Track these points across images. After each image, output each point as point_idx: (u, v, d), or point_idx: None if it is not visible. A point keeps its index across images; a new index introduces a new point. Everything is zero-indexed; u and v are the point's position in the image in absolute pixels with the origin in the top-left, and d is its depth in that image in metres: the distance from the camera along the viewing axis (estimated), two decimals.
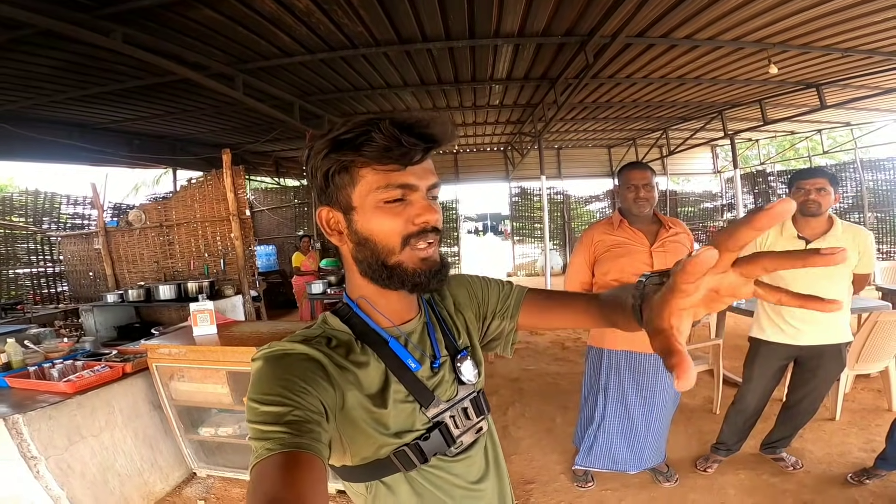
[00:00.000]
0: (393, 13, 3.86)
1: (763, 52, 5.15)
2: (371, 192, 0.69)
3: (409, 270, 0.72)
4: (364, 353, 0.74)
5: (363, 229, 0.71)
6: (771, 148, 14.48)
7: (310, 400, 0.61)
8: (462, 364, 0.82)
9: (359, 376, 0.72)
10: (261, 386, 0.62)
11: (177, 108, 6.23)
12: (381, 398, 0.72)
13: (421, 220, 0.70)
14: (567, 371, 4.89)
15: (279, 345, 0.70)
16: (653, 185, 2.37)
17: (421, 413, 0.75)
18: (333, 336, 0.75)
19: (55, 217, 7.63)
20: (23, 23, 2.93)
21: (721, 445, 2.81)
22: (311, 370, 0.66)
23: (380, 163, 0.67)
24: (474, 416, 0.82)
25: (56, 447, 2.35)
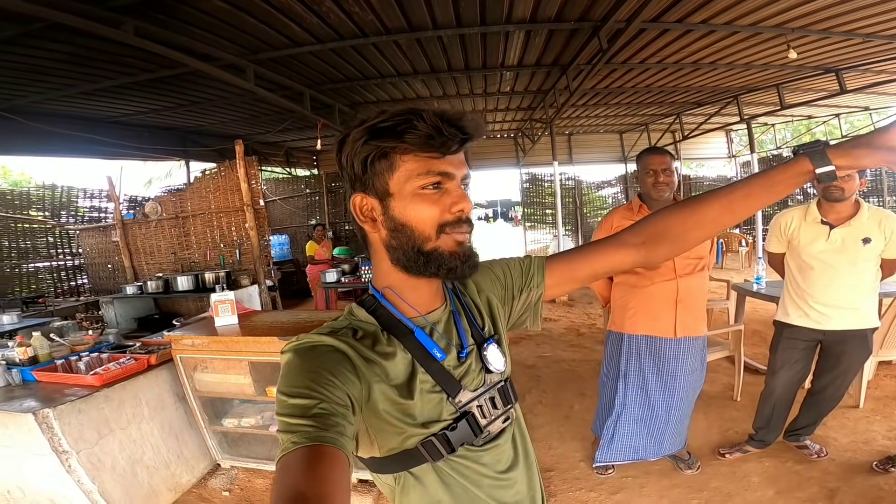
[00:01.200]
0: (403, 1, 3.82)
1: (781, 37, 5.01)
2: (410, 178, 0.71)
3: (445, 255, 0.73)
4: (390, 343, 0.75)
5: (400, 215, 0.73)
6: (786, 132, 14.20)
7: (336, 393, 0.63)
8: (488, 352, 0.82)
9: (385, 367, 0.72)
10: (289, 378, 0.64)
11: (188, 100, 6.23)
12: (407, 389, 0.73)
13: (457, 208, 0.72)
14: (583, 357, 4.89)
15: (307, 337, 0.71)
16: (672, 169, 2.37)
17: (448, 403, 0.76)
18: (359, 327, 0.76)
19: (73, 210, 7.71)
20: (34, 16, 2.93)
21: (754, 435, 2.81)
22: (339, 362, 0.67)
23: (421, 150, 0.70)
24: (502, 405, 0.82)
25: (86, 441, 2.36)
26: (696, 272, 2.40)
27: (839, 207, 2.39)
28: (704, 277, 2.46)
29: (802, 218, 2.51)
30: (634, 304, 2.46)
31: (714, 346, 3.61)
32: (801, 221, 2.50)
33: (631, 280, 2.47)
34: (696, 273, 2.40)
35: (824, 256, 2.42)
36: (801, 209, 2.54)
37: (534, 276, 0.94)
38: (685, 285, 2.37)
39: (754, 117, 9.29)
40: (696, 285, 2.40)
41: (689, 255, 2.33)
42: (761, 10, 4.33)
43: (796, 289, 2.56)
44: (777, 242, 2.64)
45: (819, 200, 2.47)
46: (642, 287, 2.42)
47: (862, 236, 2.35)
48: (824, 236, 2.41)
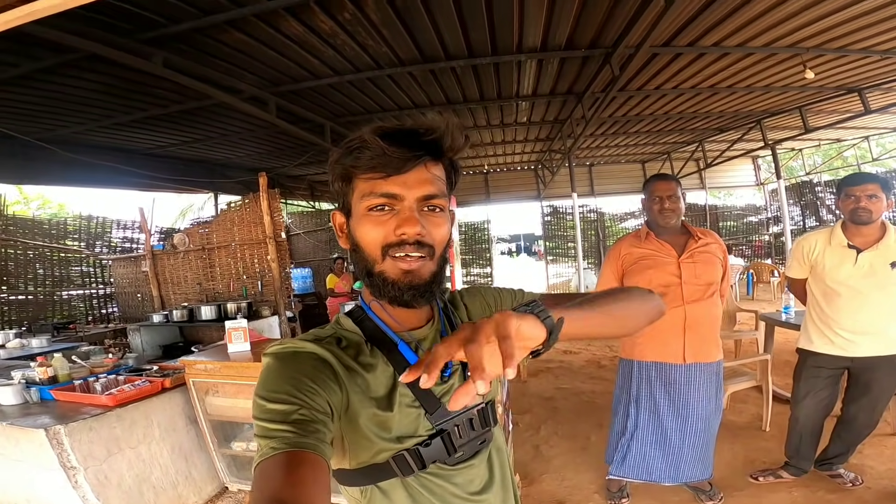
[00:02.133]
0: (415, 31, 3.96)
1: (797, 57, 4.99)
2: (361, 198, 0.72)
3: (388, 280, 0.71)
4: (373, 355, 0.75)
5: (354, 234, 0.74)
6: (816, 157, 13.89)
7: (317, 399, 0.62)
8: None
9: (367, 378, 0.72)
10: (269, 383, 0.64)
11: (215, 133, 6.52)
12: (387, 401, 0.73)
13: (399, 230, 0.69)
14: (603, 389, 4.73)
15: (290, 342, 0.71)
16: (678, 196, 2.37)
17: (425, 419, 0.75)
18: (344, 337, 0.77)
19: (106, 241, 8.04)
20: (70, 47, 3.15)
21: (789, 461, 2.69)
22: (320, 370, 0.67)
23: (368, 171, 0.70)
24: (480, 426, 0.81)
25: (95, 458, 2.40)
26: (705, 298, 2.35)
27: (866, 230, 2.31)
28: (715, 304, 2.41)
29: (827, 242, 2.42)
30: (643, 331, 2.42)
31: (741, 375, 3.55)
32: (826, 245, 2.42)
33: None
34: (706, 299, 2.36)
35: (851, 282, 2.33)
36: (825, 233, 2.46)
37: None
38: (694, 312, 2.33)
39: (779, 142, 9.13)
40: (705, 311, 2.36)
41: (697, 281, 2.32)
42: (773, 31, 4.33)
43: (820, 315, 2.46)
44: (799, 268, 2.56)
45: (844, 223, 2.39)
46: None
47: (891, 260, 2.26)
48: (851, 261, 2.33)
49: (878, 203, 2.24)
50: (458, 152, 0.74)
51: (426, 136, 0.69)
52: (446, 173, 0.76)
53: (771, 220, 12.48)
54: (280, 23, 3.50)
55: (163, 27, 3.32)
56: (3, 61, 3.57)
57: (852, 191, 2.28)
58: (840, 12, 3.98)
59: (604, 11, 3.84)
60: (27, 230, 7.00)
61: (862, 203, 2.25)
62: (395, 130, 0.68)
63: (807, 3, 3.80)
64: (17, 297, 6.68)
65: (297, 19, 3.48)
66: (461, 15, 3.74)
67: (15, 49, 3.38)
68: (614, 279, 2.50)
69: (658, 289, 2.30)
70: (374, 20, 3.64)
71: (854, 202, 2.28)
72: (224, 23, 3.37)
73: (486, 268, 12.30)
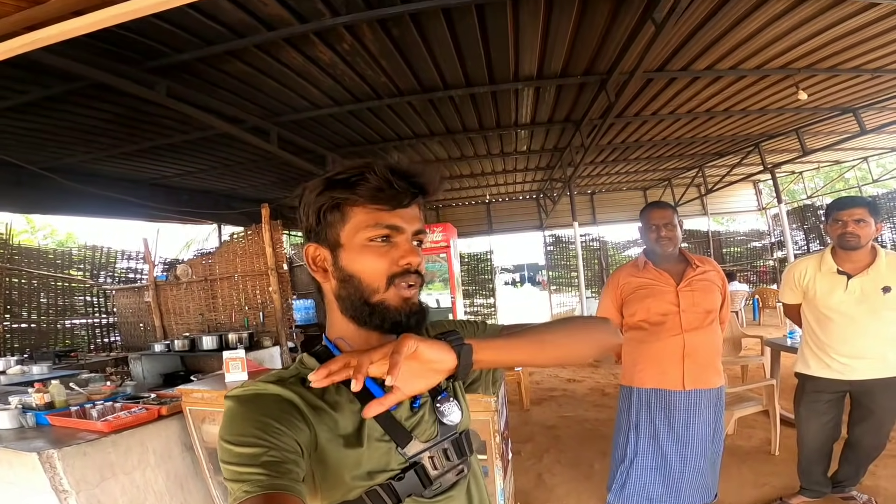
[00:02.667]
0: (413, 62, 4.07)
1: (789, 78, 5.08)
2: (360, 230, 0.73)
3: (391, 309, 0.74)
4: (339, 392, 0.74)
5: (348, 266, 0.75)
6: (818, 180, 13.94)
7: (285, 440, 0.62)
8: (443, 405, 0.82)
9: (334, 416, 0.72)
10: (234, 427, 0.63)
11: (219, 163, 6.64)
12: (356, 437, 0.72)
13: (405, 261, 0.73)
14: (607, 417, 4.66)
15: (252, 385, 0.71)
16: (675, 223, 2.37)
17: (397, 453, 0.74)
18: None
19: (111, 271, 8.10)
20: (77, 75, 3.25)
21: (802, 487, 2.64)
22: (285, 410, 0.67)
23: (371, 202, 0.72)
24: (455, 457, 0.81)
25: (88, 482, 2.37)
26: (704, 326, 2.35)
27: (855, 256, 2.31)
28: (714, 331, 2.41)
29: (817, 268, 2.42)
30: (642, 359, 2.44)
31: (748, 400, 3.58)
32: (816, 272, 2.42)
33: (638, 336, 2.45)
34: (705, 327, 2.36)
35: (843, 308, 2.33)
36: (815, 259, 2.47)
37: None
38: (692, 340, 2.33)
39: (778, 165, 9.19)
40: (704, 339, 2.36)
41: (696, 309, 2.32)
42: (765, 52, 4.41)
43: (815, 340, 2.46)
44: (791, 293, 2.57)
45: (833, 249, 2.40)
46: (649, 343, 2.41)
47: (882, 285, 2.26)
48: (842, 287, 2.33)
49: (865, 228, 2.24)
50: (436, 195, 0.80)
51: (419, 178, 0.74)
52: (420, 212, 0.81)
53: (775, 245, 12.44)
54: (280, 53, 3.62)
55: (166, 56, 3.42)
56: (13, 88, 3.68)
57: (839, 215, 2.29)
58: (828, 31, 4.06)
59: (597, 38, 3.95)
60: (32, 259, 7.08)
61: (849, 228, 2.25)
62: (396, 168, 0.73)
63: (795, 23, 3.88)
64: (19, 326, 6.72)
65: (297, 50, 3.59)
66: (457, 45, 3.85)
67: (24, 76, 3.49)
68: (614, 308, 2.52)
69: (656, 317, 2.36)
70: (373, 51, 3.75)
71: (841, 227, 2.28)
72: (225, 53, 3.48)
73: (490, 298, 12.23)
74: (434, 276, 8.34)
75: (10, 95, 3.77)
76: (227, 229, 9.30)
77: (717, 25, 3.79)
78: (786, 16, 3.74)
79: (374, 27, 3.39)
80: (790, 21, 3.85)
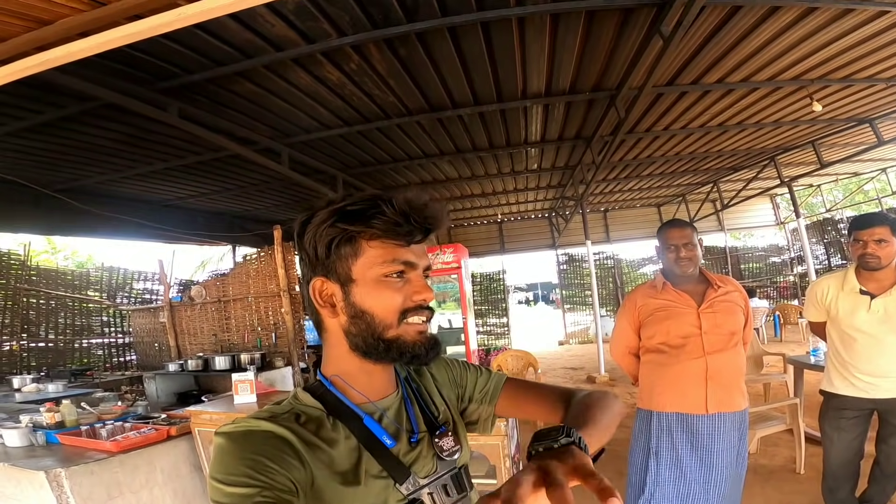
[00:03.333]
0: (420, 81, 4.11)
1: (803, 89, 5.02)
2: (374, 265, 0.72)
3: (408, 343, 0.74)
4: (335, 429, 0.73)
5: (361, 302, 0.73)
6: (837, 193, 13.68)
7: (278, 479, 0.60)
8: (441, 440, 0.81)
9: (330, 453, 0.70)
10: (224, 466, 0.61)
11: (233, 185, 6.74)
12: (353, 474, 0.71)
13: (419, 297, 0.74)
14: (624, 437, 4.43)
15: (244, 422, 0.68)
16: (694, 242, 2.26)
17: (395, 489, 0.73)
18: (303, 412, 0.74)
19: (127, 292, 8.27)
20: (90, 95, 3.34)
21: None
22: (278, 447, 0.65)
23: (387, 237, 0.71)
24: (455, 492, 0.79)
25: (94, 501, 2.42)
26: (728, 349, 2.24)
27: (879, 276, 2.26)
28: (738, 353, 2.30)
29: (840, 287, 2.37)
30: (662, 382, 2.33)
31: (771, 419, 3.54)
32: (839, 291, 2.37)
33: (658, 359, 2.34)
34: (729, 349, 2.25)
35: (866, 328, 2.26)
36: (838, 277, 2.41)
37: (489, 393, 0.96)
38: (715, 362, 2.22)
39: (795, 179, 9.02)
40: (728, 361, 2.24)
41: (719, 331, 2.22)
42: (776, 64, 4.37)
43: (839, 358, 2.40)
44: (815, 311, 2.52)
45: (857, 268, 2.34)
46: (669, 365, 2.29)
47: None
48: (865, 307, 2.27)
49: (887, 248, 2.18)
50: (440, 230, 0.79)
51: (429, 212, 0.73)
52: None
53: (794, 261, 12.18)
54: (289, 74, 3.68)
55: (177, 77, 3.50)
56: (29, 108, 3.78)
57: (859, 235, 2.23)
58: (839, 41, 4.02)
59: (604, 54, 3.95)
60: (51, 280, 7.27)
61: (869, 248, 2.20)
62: (411, 201, 0.72)
63: (804, 34, 3.85)
64: (37, 344, 6.87)
65: (305, 70, 3.65)
66: (464, 63, 3.89)
67: (39, 96, 3.58)
68: (631, 331, 2.42)
69: (677, 340, 2.25)
70: (380, 70, 3.80)
71: (861, 247, 2.23)
72: (235, 73, 3.54)
73: (503, 318, 12.16)
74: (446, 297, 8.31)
75: (26, 115, 3.88)
76: (241, 250, 9.43)
77: (726, 38, 3.77)
78: (795, 26, 3.72)
79: (380, 47, 3.44)
80: (800, 32, 3.82)
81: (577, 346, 12.40)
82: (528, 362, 5.38)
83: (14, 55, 1.38)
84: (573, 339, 12.64)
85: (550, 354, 11.30)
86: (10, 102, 3.62)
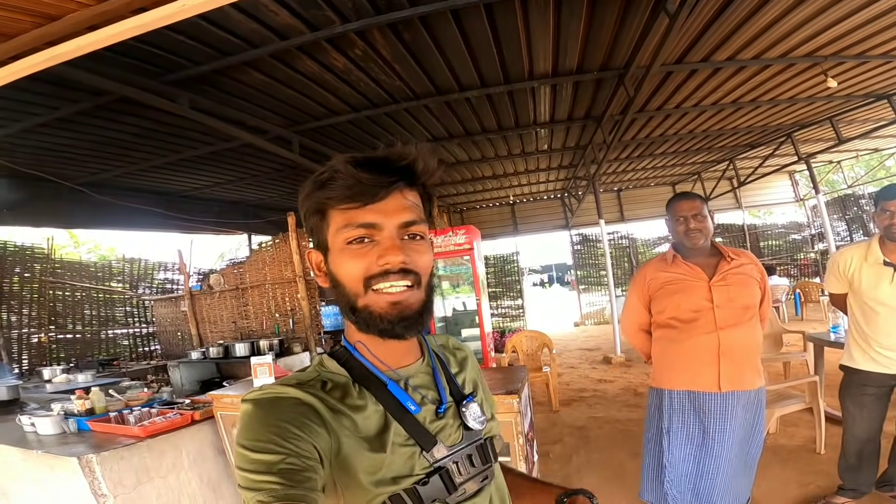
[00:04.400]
0: (426, 65, 4.10)
1: (817, 66, 4.88)
2: (339, 231, 0.69)
3: (374, 315, 0.69)
4: (361, 396, 0.73)
5: (335, 271, 0.72)
6: (858, 169, 13.31)
7: (303, 446, 0.60)
8: (468, 409, 0.79)
9: (355, 420, 0.70)
10: (251, 432, 0.62)
11: (246, 174, 6.82)
12: (379, 442, 0.70)
13: (382, 261, 0.68)
14: (639, 417, 4.50)
15: (270, 388, 0.68)
16: (704, 214, 2.21)
17: (421, 457, 0.72)
18: (329, 379, 0.74)
19: (149, 282, 8.47)
20: (103, 90, 3.42)
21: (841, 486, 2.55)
22: (304, 415, 0.65)
23: (341, 202, 0.68)
24: (480, 463, 0.78)
25: (125, 486, 2.44)
26: (741, 323, 2.18)
27: None
28: (753, 329, 2.23)
29: (863, 258, 2.33)
30: (674, 358, 2.29)
31: (790, 398, 3.43)
32: (862, 262, 2.33)
33: (669, 335, 2.31)
34: (743, 324, 2.17)
35: (889, 300, 2.23)
36: (862, 248, 2.37)
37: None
38: (728, 338, 2.15)
39: (813, 155, 8.82)
40: (742, 337, 2.18)
41: (732, 305, 2.16)
42: (788, 40, 4.26)
43: (860, 332, 2.36)
44: (836, 283, 2.47)
45: (881, 238, 2.29)
46: (681, 341, 2.24)
47: None
48: (888, 278, 2.23)
49: None
50: (431, 177, 0.73)
51: (399, 163, 0.68)
52: (422, 201, 0.75)
53: (815, 237, 11.93)
54: (295, 62, 3.70)
55: (185, 69, 3.55)
56: (45, 104, 3.87)
57: (887, 205, 2.19)
58: (853, 16, 3.90)
59: (610, 33, 3.89)
60: (74, 273, 7.47)
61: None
62: (366, 158, 0.68)
63: (817, 9, 3.75)
64: (65, 336, 7.08)
65: (311, 58, 3.67)
66: (469, 46, 3.87)
67: (54, 92, 3.66)
68: (641, 306, 2.39)
69: (688, 314, 2.21)
70: (385, 55, 3.80)
71: (889, 218, 2.19)
72: (243, 63, 3.57)
73: (518, 300, 12.17)
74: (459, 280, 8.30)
75: (41, 111, 3.98)
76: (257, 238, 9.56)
77: (735, 14, 3.69)
78: (807, 1, 3.62)
79: (384, 32, 3.44)
80: (812, 7, 3.72)
81: (592, 326, 12.34)
82: (542, 343, 5.37)
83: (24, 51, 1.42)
84: (589, 320, 12.59)
85: (566, 336, 11.25)
86: (25, 99, 3.71)
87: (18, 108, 3.88)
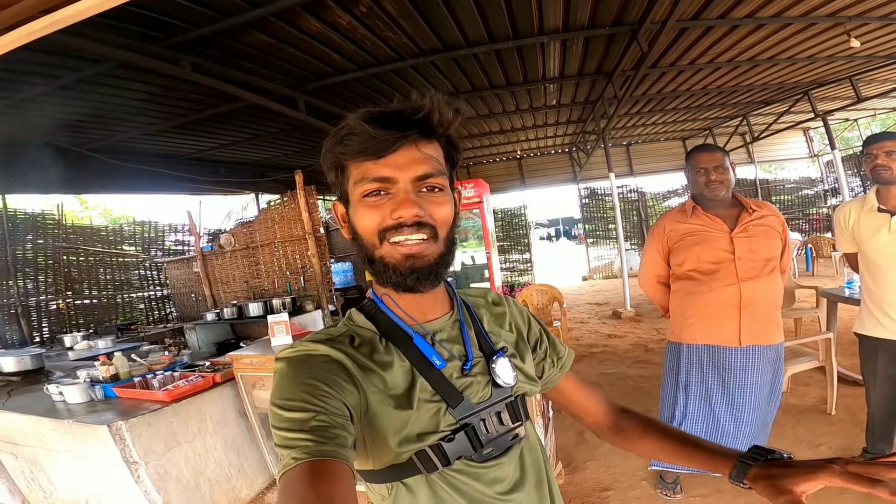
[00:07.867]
0: (433, 21, 3.96)
1: (839, 25, 4.65)
2: (356, 185, 0.70)
3: (388, 266, 0.70)
4: (388, 351, 0.73)
5: (355, 223, 0.72)
6: (875, 127, 12.92)
7: (333, 403, 0.61)
8: (497, 365, 0.77)
9: (383, 377, 0.71)
10: (283, 390, 0.63)
11: (251, 134, 6.72)
12: (406, 398, 0.70)
13: (395, 214, 0.68)
14: (650, 374, 4.55)
15: (302, 345, 0.70)
16: (726, 166, 2.16)
17: (447, 414, 0.72)
18: (357, 334, 0.75)
19: (160, 245, 8.49)
20: (104, 56, 3.34)
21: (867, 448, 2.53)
22: (334, 372, 0.66)
23: (355, 157, 0.68)
24: (509, 421, 0.77)
25: (155, 452, 2.48)
26: (763, 275, 2.12)
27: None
28: (775, 281, 2.17)
29: (860, 209, 2.29)
30: (693, 311, 2.24)
31: (802, 356, 3.31)
32: (860, 212, 2.29)
33: (688, 287, 2.25)
34: (764, 276, 2.13)
35: (888, 250, 2.18)
36: (859, 199, 2.33)
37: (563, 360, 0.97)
38: (750, 290, 2.11)
39: (830, 113, 8.52)
40: (763, 289, 2.13)
41: (753, 257, 2.12)
42: None
43: (870, 293, 2.32)
44: (844, 241, 2.42)
45: (877, 187, 2.25)
46: (700, 294, 2.20)
47: None
48: (886, 226, 2.18)
49: None
50: (449, 127, 0.71)
51: (413, 115, 0.68)
52: (444, 151, 0.74)
53: (829, 193, 11.74)
54: (299, 21, 3.58)
55: (186, 32, 3.45)
56: (46, 73, 3.79)
57: (870, 149, 2.17)
58: None
59: None
60: (87, 237, 7.47)
61: (880, 160, 2.13)
62: (380, 113, 0.68)
63: None
64: (82, 302, 7.16)
65: (314, 16, 3.54)
66: (477, 1, 3.72)
67: (54, 62, 3.58)
68: (660, 258, 2.34)
69: (708, 266, 2.17)
70: (391, 11, 3.66)
71: (872, 160, 2.16)
72: (244, 24, 3.46)
73: (525, 253, 12.19)
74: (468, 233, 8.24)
75: (43, 81, 3.90)
76: (264, 198, 9.52)
77: None
78: None
79: None
80: None
81: (601, 280, 12.31)
82: (552, 296, 5.29)
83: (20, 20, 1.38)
84: (597, 275, 12.58)
85: (575, 290, 11.20)
86: (25, 69, 3.62)
87: (19, 80, 3.80)
